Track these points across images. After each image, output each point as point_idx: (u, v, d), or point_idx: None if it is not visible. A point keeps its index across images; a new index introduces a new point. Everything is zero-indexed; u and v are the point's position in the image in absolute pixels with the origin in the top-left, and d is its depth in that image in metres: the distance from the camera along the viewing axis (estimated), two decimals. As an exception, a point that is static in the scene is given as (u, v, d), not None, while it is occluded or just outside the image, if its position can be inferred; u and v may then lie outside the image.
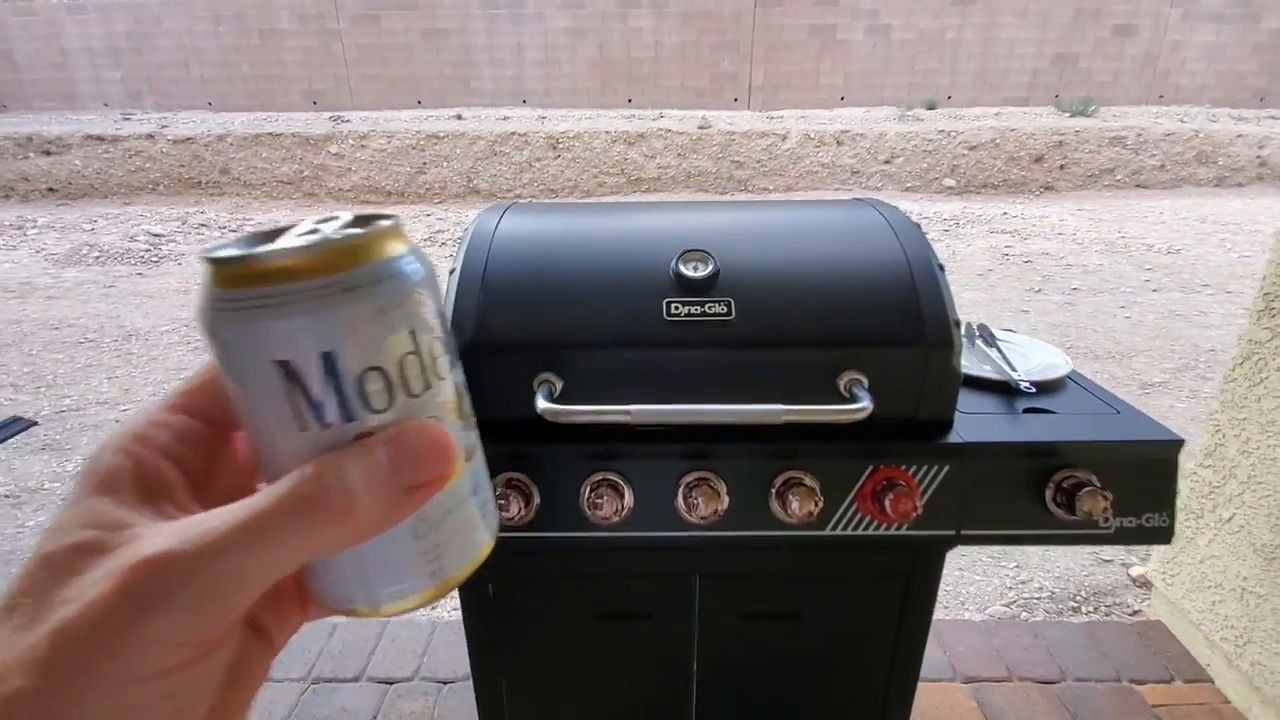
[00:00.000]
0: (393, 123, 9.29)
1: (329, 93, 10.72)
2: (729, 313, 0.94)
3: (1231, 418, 1.59)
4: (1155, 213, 7.41)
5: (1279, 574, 1.45)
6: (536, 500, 0.94)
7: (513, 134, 8.73)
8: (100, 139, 8.68)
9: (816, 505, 0.92)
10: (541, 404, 0.87)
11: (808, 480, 0.93)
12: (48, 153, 8.56)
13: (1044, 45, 10.16)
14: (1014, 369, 1.12)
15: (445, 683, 1.66)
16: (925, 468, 0.95)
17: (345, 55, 10.49)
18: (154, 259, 6.08)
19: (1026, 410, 1.05)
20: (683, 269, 0.96)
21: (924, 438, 0.96)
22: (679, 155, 8.57)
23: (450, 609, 2.04)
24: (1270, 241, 1.50)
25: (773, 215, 1.13)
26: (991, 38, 10.14)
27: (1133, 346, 4.06)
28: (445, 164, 8.59)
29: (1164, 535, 0.99)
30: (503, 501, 0.92)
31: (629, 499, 0.94)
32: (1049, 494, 0.96)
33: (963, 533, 0.97)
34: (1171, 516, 0.98)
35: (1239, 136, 8.63)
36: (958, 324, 0.96)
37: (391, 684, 1.66)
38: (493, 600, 1.07)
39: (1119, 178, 8.77)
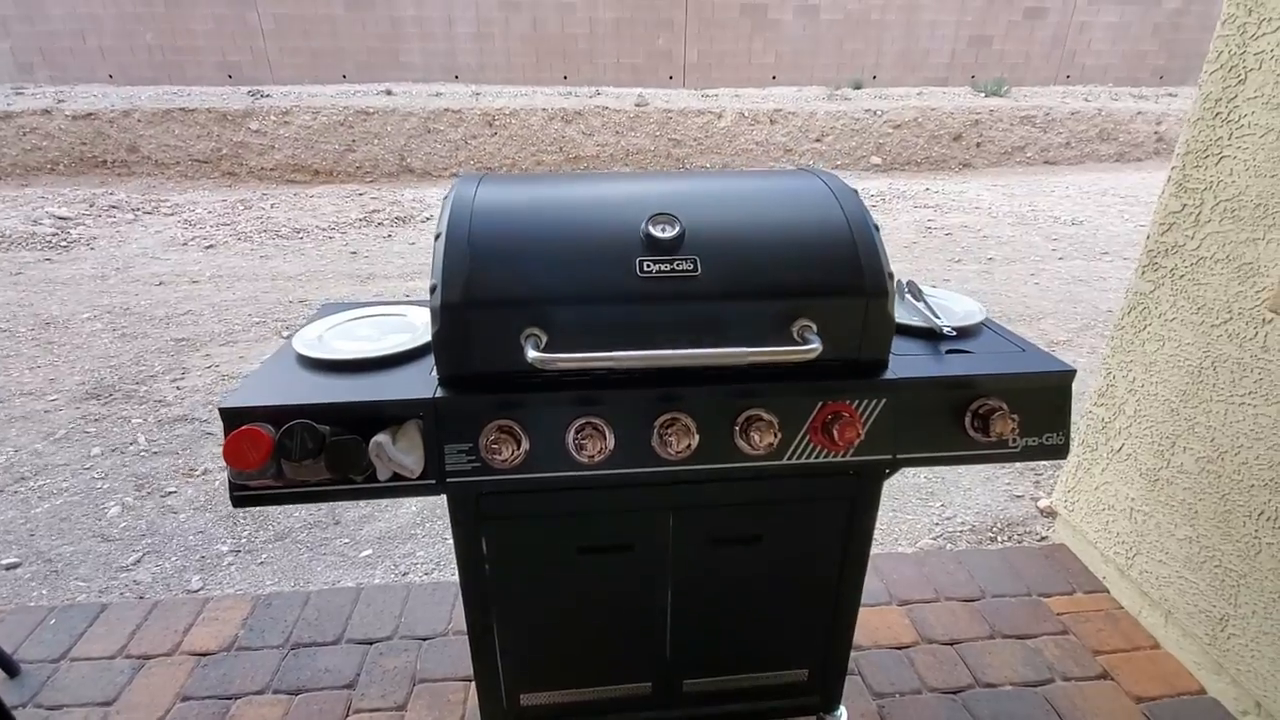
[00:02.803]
0: (317, 98, 8.90)
1: (245, 65, 10.14)
2: (695, 269, 1.05)
3: (1120, 361, 1.82)
4: (1062, 187, 7.95)
5: (1160, 493, 1.70)
6: (526, 445, 1.03)
7: (446, 110, 8.54)
8: (-10, 115, 7.99)
9: (775, 437, 1.05)
10: (531, 354, 0.96)
11: (766, 415, 1.06)
12: (-71, 130, 7.82)
13: (961, 27, 10.63)
14: (938, 317, 1.28)
15: (424, 639, 1.73)
16: (866, 401, 1.10)
17: (262, 26, 9.95)
18: (63, 243, 5.71)
19: (949, 351, 1.21)
20: (652, 230, 1.06)
21: (865, 376, 1.10)
22: (617, 133, 8.59)
23: (423, 573, 2.10)
24: (1156, 204, 1.72)
25: (728, 183, 1.24)
26: (913, 19, 10.53)
27: (1041, 310, 4.43)
28: (376, 141, 8.33)
29: (1061, 451, 1.17)
30: (495, 446, 1.01)
31: (610, 440, 1.04)
32: (968, 420, 1.12)
33: (898, 457, 1.12)
34: (1067, 435, 1.16)
35: (1139, 114, 9.32)
36: (892, 276, 1.10)
37: (372, 644, 1.72)
38: (486, 542, 1.16)
39: (1029, 155, 9.33)
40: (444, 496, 1.09)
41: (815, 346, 1.00)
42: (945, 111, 9.23)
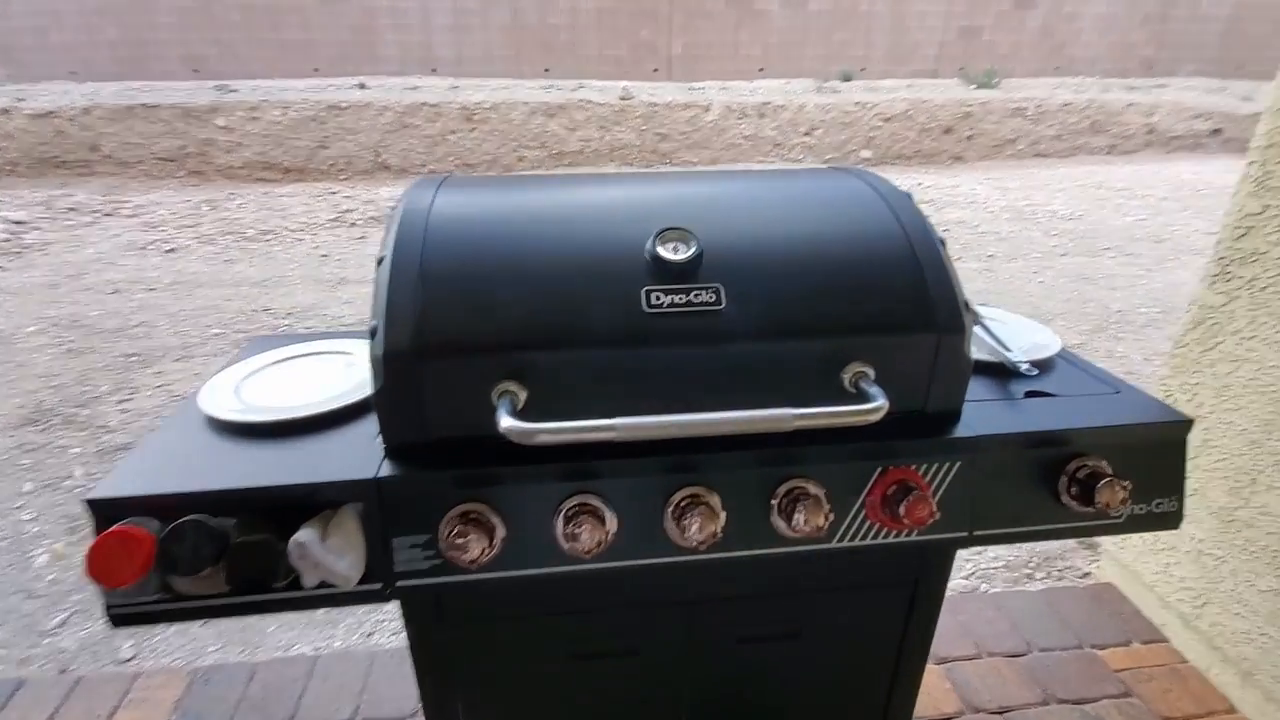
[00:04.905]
0: (287, 92, 8.54)
1: (211, 59, 9.75)
2: (718, 301, 0.81)
3: (1183, 383, 1.60)
4: (1055, 181, 7.79)
5: (1237, 536, 1.48)
6: (501, 534, 0.79)
7: (423, 105, 8.21)
8: (-60, 114, 7.56)
9: (826, 519, 0.81)
10: (505, 421, 0.71)
11: (812, 489, 0.82)
12: (-126, 130, 7.38)
13: (950, 18, 10.46)
14: (1009, 350, 1.05)
15: (390, 720, 1.48)
16: (936, 466, 0.86)
17: (228, 18, 9.55)
18: (15, 250, 5.36)
19: (1027, 394, 0.98)
20: (661, 251, 0.82)
21: (932, 432, 0.87)
22: (601, 127, 8.32)
23: (390, 633, 1.85)
24: (1227, 204, 1.51)
25: (750, 187, 1.00)
26: (901, 10, 10.34)
27: (1050, 310, 4.23)
28: (350, 137, 7.99)
29: (1174, 520, 0.94)
30: (460, 542, 0.76)
31: (611, 524, 0.80)
32: (1062, 485, 0.89)
33: (975, 534, 0.89)
34: (1180, 500, 0.93)
35: (1129, 105, 9.20)
36: (967, 305, 0.86)
37: (327, 728, 1.46)
38: (447, 644, 0.91)
39: (1020, 147, 9.18)
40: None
41: (880, 404, 0.76)
42: (936, 104, 9.05)
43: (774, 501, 0.83)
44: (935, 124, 9.07)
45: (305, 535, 0.73)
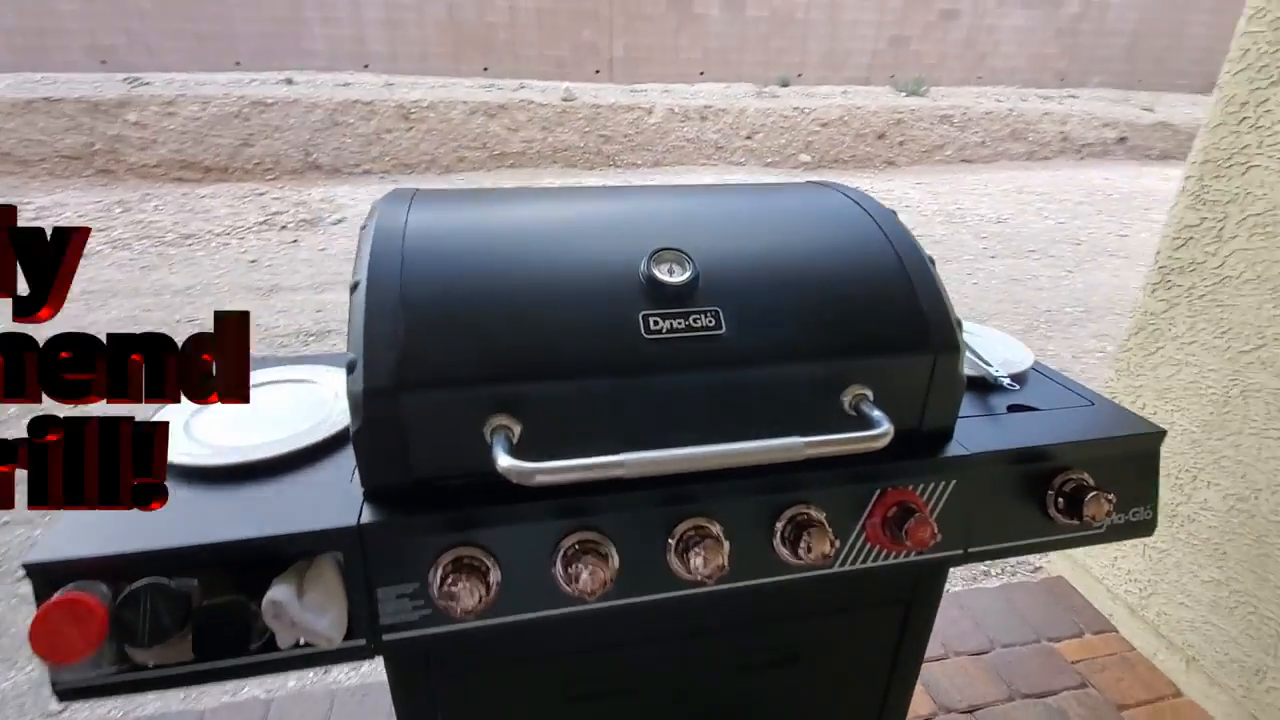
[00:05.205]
0: (206, 86, 8.06)
1: (121, 50, 9.09)
2: (718, 325, 0.78)
3: (1127, 385, 1.68)
4: (981, 185, 8.16)
5: (1180, 530, 1.56)
6: (497, 579, 0.74)
7: (356, 102, 7.90)
8: None
9: (832, 546, 0.79)
10: (503, 460, 0.67)
11: (815, 513, 0.81)
12: None
13: (881, 28, 10.82)
14: (989, 364, 1.07)
15: (354, 763, 1.39)
16: (932, 485, 0.86)
17: (138, 6, 8.93)
18: (-108, 255, 4.84)
19: (1010, 408, 0.99)
20: (657, 273, 0.78)
21: (927, 452, 0.87)
22: (544, 128, 8.21)
23: (350, 668, 1.74)
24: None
25: (735, 203, 0.98)
26: (836, 18, 10.63)
27: (985, 311, 4.42)
28: (277, 135, 7.61)
29: (1148, 528, 0.97)
30: (453, 590, 0.71)
31: (614, 562, 0.76)
32: (1049, 498, 0.91)
33: (970, 550, 0.90)
34: (1155, 508, 0.97)
35: (1045, 114, 9.74)
36: (959, 323, 0.87)
37: (285, 777, 1.37)
38: (434, 693, 0.85)
39: (948, 153, 9.58)
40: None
41: (886, 429, 0.75)
42: (870, 110, 9.35)
43: (778, 525, 0.81)
44: (869, 130, 9.37)
45: (280, 593, 0.66)
